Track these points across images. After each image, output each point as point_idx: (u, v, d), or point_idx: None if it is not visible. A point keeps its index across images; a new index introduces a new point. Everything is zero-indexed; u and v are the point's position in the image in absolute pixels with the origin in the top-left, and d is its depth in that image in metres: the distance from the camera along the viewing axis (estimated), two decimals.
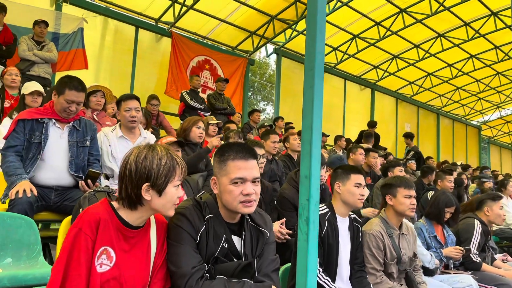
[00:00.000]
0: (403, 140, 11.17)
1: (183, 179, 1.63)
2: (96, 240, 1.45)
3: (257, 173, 1.74)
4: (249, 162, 1.73)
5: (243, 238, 1.79)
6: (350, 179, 2.70)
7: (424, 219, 3.87)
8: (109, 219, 1.51)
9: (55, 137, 3.03)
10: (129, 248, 1.55)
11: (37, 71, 5.94)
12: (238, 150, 1.74)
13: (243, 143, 1.81)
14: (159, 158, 1.54)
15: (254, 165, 1.74)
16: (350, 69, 12.51)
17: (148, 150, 1.56)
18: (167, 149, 1.59)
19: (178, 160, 1.59)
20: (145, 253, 1.59)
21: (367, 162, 6.01)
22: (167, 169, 1.53)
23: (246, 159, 1.73)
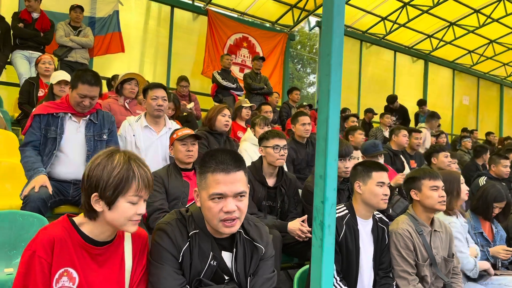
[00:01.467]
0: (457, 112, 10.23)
1: (148, 194, 1.45)
2: (53, 262, 1.34)
3: (241, 187, 1.54)
4: (230, 176, 1.53)
5: (234, 254, 1.62)
6: (371, 177, 2.43)
7: (470, 213, 3.49)
8: (68, 237, 1.39)
9: (71, 132, 3.00)
10: (98, 266, 1.43)
11: (74, 56, 6.03)
12: (219, 160, 1.54)
13: (228, 151, 1.60)
14: (111, 167, 1.38)
15: (237, 178, 1.54)
16: (400, 40, 11.67)
17: (105, 157, 1.41)
18: (128, 158, 1.41)
19: (138, 173, 1.40)
20: (118, 270, 1.47)
21: (410, 144, 5.57)
22: (117, 181, 1.36)
23: (228, 171, 1.53)
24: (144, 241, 1.59)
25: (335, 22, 1.50)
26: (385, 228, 2.55)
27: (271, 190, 3.17)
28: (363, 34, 11.05)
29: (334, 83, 1.56)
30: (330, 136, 1.47)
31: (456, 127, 12.94)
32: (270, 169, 3.15)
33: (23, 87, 4.92)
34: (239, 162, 1.57)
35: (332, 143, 1.47)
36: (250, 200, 3.02)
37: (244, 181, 1.57)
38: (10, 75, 6.11)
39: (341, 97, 5.49)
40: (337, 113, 1.55)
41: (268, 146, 3.11)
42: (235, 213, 1.52)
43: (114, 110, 4.06)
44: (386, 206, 2.45)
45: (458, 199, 3.11)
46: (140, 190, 1.40)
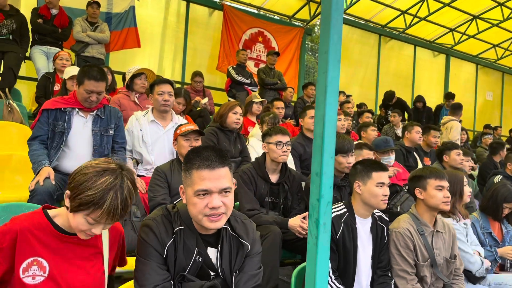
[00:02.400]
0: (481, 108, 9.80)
1: (113, 222, 1.42)
2: (15, 251, 1.38)
3: (227, 183, 1.56)
4: (215, 172, 1.54)
5: (219, 250, 1.65)
6: (371, 178, 2.41)
7: (479, 212, 3.42)
8: (39, 227, 1.43)
9: (78, 126, 3.07)
10: (73, 255, 1.48)
11: (91, 52, 6.15)
12: (204, 157, 1.56)
13: (213, 147, 1.62)
14: (91, 185, 1.35)
15: (222, 174, 1.55)
16: (421, 34, 11.40)
17: (97, 170, 1.39)
18: (115, 185, 1.37)
19: (110, 203, 1.35)
20: (93, 260, 1.52)
21: (427, 141, 5.46)
22: (85, 200, 1.34)
23: (212, 167, 1.54)
24: (121, 235, 1.65)
25: (333, 19, 1.48)
26: (385, 227, 2.53)
27: (274, 186, 3.18)
28: (382, 28, 10.86)
29: (331, 80, 1.56)
30: (326, 133, 1.46)
31: (478, 124, 12.60)
32: (273, 165, 3.16)
33: (40, 81, 5.07)
34: (224, 158, 1.59)
35: (329, 140, 1.46)
36: (251, 196, 3.04)
37: (229, 177, 1.59)
38: (29, 70, 6.29)
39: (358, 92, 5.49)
40: (334, 110, 1.54)
41: (271, 143, 3.11)
42: (220, 209, 1.54)
43: (124, 105, 4.13)
44: (385, 206, 2.43)
45: (460, 201, 3.06)
46: (101, 218, 1.37)
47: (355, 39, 10.57)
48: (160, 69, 7.91)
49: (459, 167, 4.43)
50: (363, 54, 10.70)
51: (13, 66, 5.23)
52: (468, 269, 2.93)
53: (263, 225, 2.89)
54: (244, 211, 2.97)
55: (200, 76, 6.42)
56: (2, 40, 5.21)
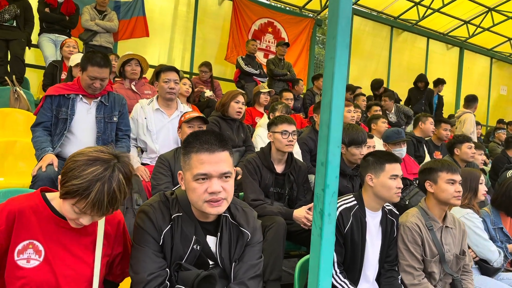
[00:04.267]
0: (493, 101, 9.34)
1: (101, 215, 1.35)
2: (13, 232, 1.34)
3: (227, 167, 1.50)
4: (215, 155, 1.48)
5: (218, 239, 1.59)
6: (384, 170, 2.32)
7: (490, 207, 3.31)
8: (37, 210, 1.38)
9: (82, 113, 3.04)
10: (68, 241, 1.43)
11: (99, 40, 6.11)
12: (203, 140, 1.50)
13: (212, 131, 1.56)
14: (78, 173, 1.28)
15: (222, 158, 1.50)
16: (434, 26, 11.16)
17: (88, 159, 1.32)
18: (103, 176, 1.30)
19: (95, 195, 1.27)
20: (89, 248, 1.47)
21: (437, 134, 5.35)
22: (71, 189, 1.28)
23: (212, 151, 1.48)
24: (121, 224, 1.59)
25: (341, 2, 1.44)
26: (395, 221, 2.46)
27: (279, 176, 3.12)
28: (395, 20, 10.65)
29: (339, 67, 1.48)
30: (333, 121, 1.42)
31: (492, 119, 12.35)
32: (278, 155, 3.09)
33: (47, 69, 5.05)
34: (224, 142, 1.53)
35: (336, 128, 1.41)
36: (256, 186, 2.98)
37: (229, 161, 1.53)
38: (38, 58, 6.28)
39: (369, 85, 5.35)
40: (342, 97, 1.46)
41: (277, 132, 3.05)
42: (220, 194, 1.48)
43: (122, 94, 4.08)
44: (399, 199, 2.36)
45: (475, 198, 2.97)
46: (86, 209, 1.30)
47: (367, 31, 10.39)
48: (170, 59, 7.86)
49: (470, 160, 4.32)
50: (375, 46, 10.52)
51: (19, 55, 5.23)
52: (487, 259, 2.88)
53: (267, 216, 2.84)
54: (249, 201, 2.93)
55: (206, 66, 6.33)
56: (6, 27, 5.18)
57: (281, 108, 4.49)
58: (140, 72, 4.44)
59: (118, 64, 4.43)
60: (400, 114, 7.37)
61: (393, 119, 7.37)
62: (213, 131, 1.57)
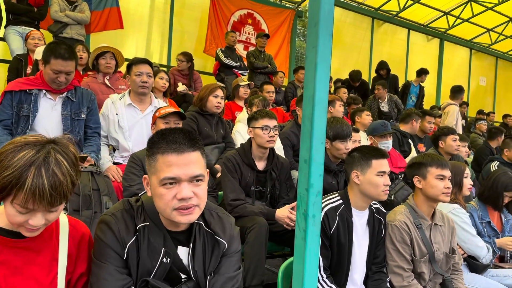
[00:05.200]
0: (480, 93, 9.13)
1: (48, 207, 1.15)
2: None
3: (198, 170, 1.33)
4: (184, 156, 1.31)
5: (190, 250, 1.42)
6: (371, 166, 2.18)
7: (477, 201, 3.24)
8: None
9: (46, 110, 2.82)
10: (23, 262, 1.23)
11: (69, 33, 5.81)
12: (170, 139, 1.32)
13: (181, 129, 1.38)
14: (7, 163, 1.10)
15: (192, 159, 1.32)
16: (415, 18, 11.13)
17: (17, 146, 1.13)
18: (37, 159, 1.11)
19: (32, 182, 1.09)
20: (48, 268, 1.27)
21: (421, 127, 5.29)
22: (4, 182, 1.09)
23: (181, 151, 1.31)
24: (86, 237, 1.39)
25: None
26: (382, 220, 2.33)
27: (260, 174, 2.96)
28: (376, 11, 10.58)
29: (322, 56, 1.34)
30: (316, 115, 1.31)
31: (472, 109, 12.44)
32: (259, 151, 2.94)
33: (12, 63, 4.76)
34: (194, 141, 1.35)
35: (319, 123, 1.31)
36: (236, 185, 2.82)
37: (201, 163, 1.36)
38: (5, 52, 5.94)
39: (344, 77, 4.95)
40: (325, 89, 1.35)
41: (257, 127, 2.89)
42: (192, 200, 1.31)
43: (95, 89, 3.86)
44: (386, 197, 2.22)
45: (460, 193, 2.87)
46: (27, 202, 1.10)
47: (348, 22, 10.28)
48: (147, 53, 7.58)
49: (455, 153, 4.25)
50: (356, 38, 10.43)
51: None
52: (475, 255, 2.80)
53: (248, 217, 2.68)
54: (228, 201, 2.77)
55: (183, 56, 6.02)
56: None
57: (258, 102, 4.32)
58: (115, 66, 4.22)
59: (92, 57, 4.19)
60: (392, 104, 7.30)
61: (385, 108, 7.28)
62: (182, 129, 1.39)
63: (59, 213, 1.22)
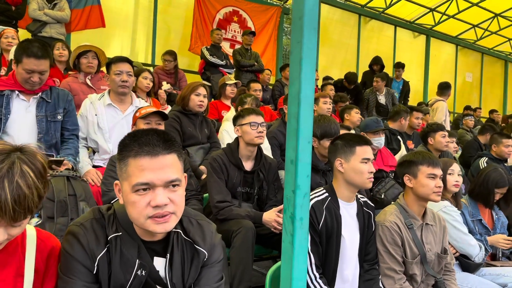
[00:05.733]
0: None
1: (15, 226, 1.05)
2: None
3: (174, 174, 1.22)
4: (158, 159, 1.20)
5: (168, 260, 1.31)
6: (355, 153, 2.11)
7: (468, 198, 3.18)
8: None
9: (19, 111, 2.68)
10: None
11: (49, 32, 5.63)
12: (143, 141, 1.21)
13: (155, 130, 1.27)
14: None
15: (167, 163, 1.21)
16: (401, 14, 11.12)
17: None
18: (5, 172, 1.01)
19: None
20: (13, 284, 1.15)
21: (410, 123, 5.24)
22: None
23: (154, 154, 1.20)
24: (55, 250, 1.27)
25: None
26: (371, 213, 2.25)
27: (248, 174, 2.86)
28: (362, 8, 10.54)
29: (307, 51, 1.27)
30: (302, 113, 1.26)
31: (458, 105, 12.52)
32: (247, 151, 2.84)
33: None
34: (170, 143, 1.24)
35: (306, 122, 1.26)
36: (222, 186, 2.72)
37: (177, 167, 1.25)
38: None
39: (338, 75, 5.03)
40: (311, 86, 1.29)
41: (244, 124, 2.80)
42: (167, 208, 1.20)
43: (75, 89, 3.72)
44: (371, 185, 2.16)
45: (445, 190, 2.81)
46: None
47: (335, 20, 10.23)
48: (131, 52, 7.42)
49: (444, 149, 4.21)
50: (343, 35, 10.39)
51: None
52: (467, 254, 2.73)
53: (235, 220, 2.58)
54: (214, 203, 2.67)
55: (170, 55, 5.91)
56: None
57: (250, 101, 4.23)
58: (97, 66, 4.07)
59: (73, 56, 4.04)
60: (389, 97, 7.25)
61: (382, 101, 7.22)
62: (156, 129, 1.28)
63: (23, 227, 1.12)
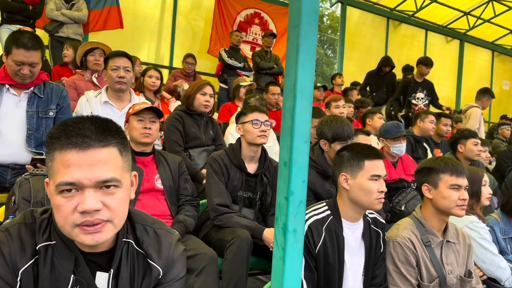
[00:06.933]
0: None
1: None
2: None
3: (109, 172, 0.98)
4: (88, 153, 0.96)
5: (112, 276, 1.08)
6: (363, 168, 1.81)
7: (499, 213, 2.80)
8: None
9: (9, 106, 2.55)
10: None
11: (66, 32, 5.62)
12: (72, 131, 0.97)
13: (92, 117, 1.03)
14: None
15: (101, 158, 0.98)
16: (433, 18, 10.64)
17: None
18: None
19: None
20: None
21: (437, 130, 4.86)
22: None
23: (84, 147, 0.96)
24: None
25: None
26: (380, 232, 1.95)
27: (250, 178, 2.62)
28: (391, 11, 10.15)
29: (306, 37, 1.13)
30: (298, 109, 1.14)
31: (494, 114, 11.82)
32: (250, 151, 2.60)
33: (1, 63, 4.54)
34: (108, 133, 1.00)
35: (302, 118, 1.15)
36: (222, 189, 2.47)
37: (116, 164, 1.01)
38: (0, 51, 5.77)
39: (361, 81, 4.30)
40: (310, 77, 1.16)
41: (246, 122, 2.58)
42: (99, 214, 0.96)
43: (81, 87, 3.60)
44: (381, 206, 1.84)
45: (478, 204, 2.46)
46: None
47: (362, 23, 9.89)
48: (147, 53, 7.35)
49: (475, 159, 3.82)
50: (370, 39, 10.03)
51: None
52: (496, 277, 2.38)
53: (230, 228, 2.34)
54: (213, 205, 2.43)
55: (192, 58, 5.95)
56: None
57: (254, 101, 4.00)
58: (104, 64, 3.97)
59: (80, 53, 3.95)
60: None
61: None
62: (93, 117, 1.04)
63: None
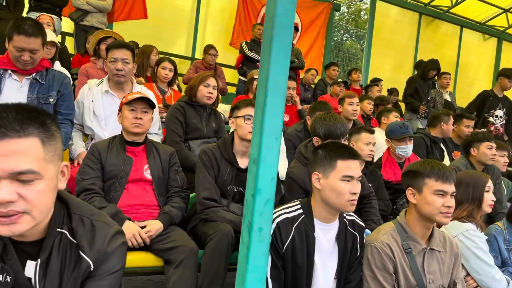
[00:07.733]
0: None
1: None
2: None
3: (26, 164, 0.97)
4: (4, 143, 0.95)
5: (40, 265, 1.08)
6: (335, 168, 1.75)
7: (505, 223, 2.66)
8: None
9: (11, 92, 2.63)
10: None
11: (90, 21, 5.73)
12: None
13: (13, 105, 1.02)
14: None
15: (18, 149, 0.96)
16: (469, 14, 10.14)
17: None
18: None
19: None
20: None
21: (458, 131, 4.64)
22: None
23: (1, 136, 0.95)
24: None
25: None
26: (358, 236, 1.88)
27: (241, 172, 2.58)
28: (425, 6, 9.76)
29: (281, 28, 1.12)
30: (269, 103, 1.12)
31: None
32: (242, 146, 2.56)
33: None
34: (28, 122, 0.99)
35: (273, 113, 1.13)
36: (211, 182, 2.46)
37: (35, 155, 0.99)
38: None
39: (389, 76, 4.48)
40: (283, 70, 1.14)
41: (239, 116, 2.53)
42: (14, 206, 0.96)
43: (92, 75, 3.67)
44: (353, 208, 1.77)
45: (478, 211, 2.33)
46: None
47: (391, 18, 9.55)
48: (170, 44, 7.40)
49: (489, 163, 3.62)
50: (399, 35, 9.68)
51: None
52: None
53: (212, 222, 2.33)
54: (200, 198, 2.42)
55: (215, 49, 5.94)
56: None
57: None
58: None
59: (93, 42, 4.03)
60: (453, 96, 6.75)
61: (448, 98, 6.73)
62: (19, 105, 1.02)
63: None
